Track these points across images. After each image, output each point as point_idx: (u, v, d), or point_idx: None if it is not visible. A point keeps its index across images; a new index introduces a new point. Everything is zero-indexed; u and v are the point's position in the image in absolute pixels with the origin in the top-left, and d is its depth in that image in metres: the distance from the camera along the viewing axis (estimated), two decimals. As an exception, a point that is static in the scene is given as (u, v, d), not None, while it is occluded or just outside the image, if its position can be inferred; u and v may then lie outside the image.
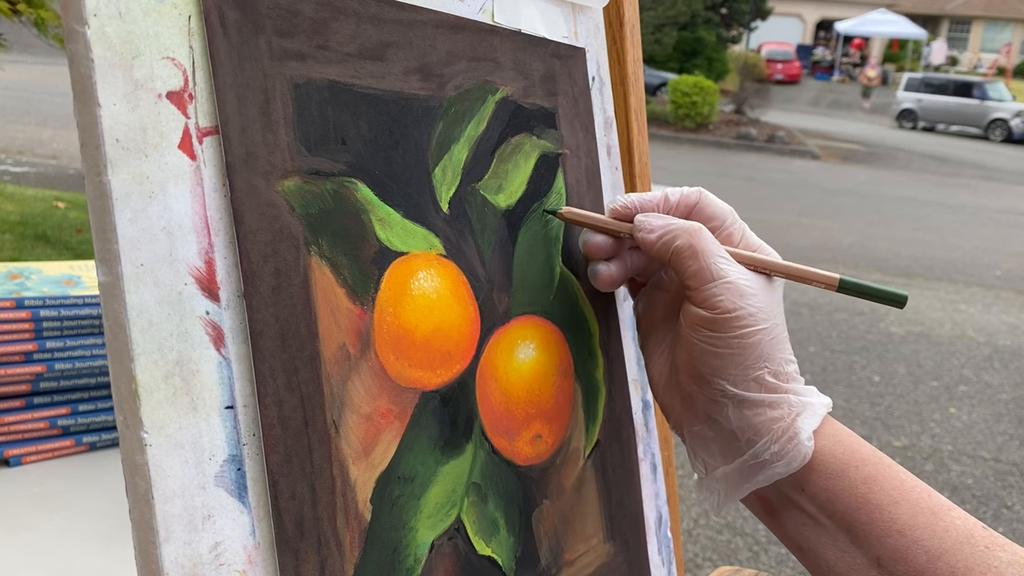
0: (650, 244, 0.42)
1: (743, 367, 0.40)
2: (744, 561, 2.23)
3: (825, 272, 0.43)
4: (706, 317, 0.40)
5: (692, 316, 0.41)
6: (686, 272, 0.41)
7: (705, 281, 0.40)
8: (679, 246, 0.41)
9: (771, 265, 0.43)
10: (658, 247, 0.42)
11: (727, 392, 0.41)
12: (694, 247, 0.41)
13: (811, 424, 0.40)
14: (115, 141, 0.28)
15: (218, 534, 0.31)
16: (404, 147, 0.38)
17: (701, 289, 0.40)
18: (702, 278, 0.40)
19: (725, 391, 0.41)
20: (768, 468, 0.40)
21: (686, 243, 0.41)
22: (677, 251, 0.41)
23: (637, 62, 0.61)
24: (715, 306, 0.40)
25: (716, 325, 0.40)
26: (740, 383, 0.41)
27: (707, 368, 0.41)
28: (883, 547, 0.38)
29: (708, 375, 0.41)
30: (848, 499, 0.39)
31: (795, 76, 24.34)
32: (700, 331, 0.41)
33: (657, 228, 0.42)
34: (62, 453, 0.81)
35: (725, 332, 0.40)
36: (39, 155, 6.20)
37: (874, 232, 7.05)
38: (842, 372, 3.71)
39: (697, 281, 0.41)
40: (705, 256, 0.41)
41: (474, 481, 0.41)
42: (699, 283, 0.41)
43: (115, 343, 0.29)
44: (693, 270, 0.41)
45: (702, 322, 0.40)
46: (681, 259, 0.41)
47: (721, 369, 0.41)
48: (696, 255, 0.41)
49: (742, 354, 0.40)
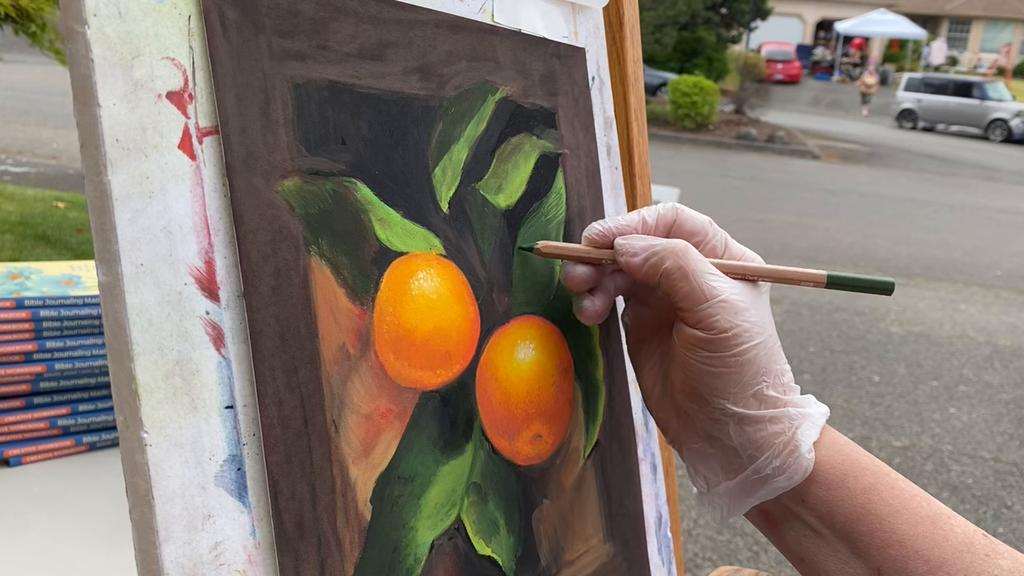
0: (636, 268, 0.41)
1: (742, 384, 0.40)
2: (744, 561, 2.23)
3: (812, 271, 0.42)
4: (702, 338, 0.39)
5: (687, 336, 0.40)
6: (677, 294, 0.40)
7: (698, 302, 0.39)
8: (667, 268, 0.40)
9: (758, 271, 0.42)
10: (645, 270, 0.41)
11: (727, 411, 0.40)
12: (683, 268, 0.40)
13: (811, 436, 0.40)
14: (115, 141, 0.28)
15: (218, 534, 0.31)
16: (404, 147, 0.38)
17: (695, 310, 0.39)
18: (694, 299, 0.39)
19: (725, 410, 0.40)
20: (770, 482, 0.40)
21: (674, 264, 0.40)
22: (666, 273, 0.40)
23: (637, 62, 0.61)
24: (711, 326, 0.39)
25: (712, 345, 0.39)
26: (740, 400, 0.40)
27: (706, 388, 0.40)
28: (883, 557, 0.38)
29: (707, 395, 0.40)
30: (848, 509, 0.39)
31: (795, 76, 24.36)
32: (696, 351, 0.40)
33: (640, 251, 0.41)
34: (62, 453, 0.81)
35: (722, 351, 0.39)
36: (39, 155, 6.20)
37: (874, 232, 7.05)
38: (842, 372, 3.71)
39: (690, 302, 0.40)
40: (695, 276, 0.39)
41: (474, 481, 0.41)
42: (692, 304, 0.39)
43: (115, 343, 0.29)
44: (684, 291, 0.40)
45: (698, 343, 0.40)
46: (671, 281, 0.40)
47: (720, 388, 0.40)
48: (686, 276, 0.40)
49: (740, 371, 0.40)
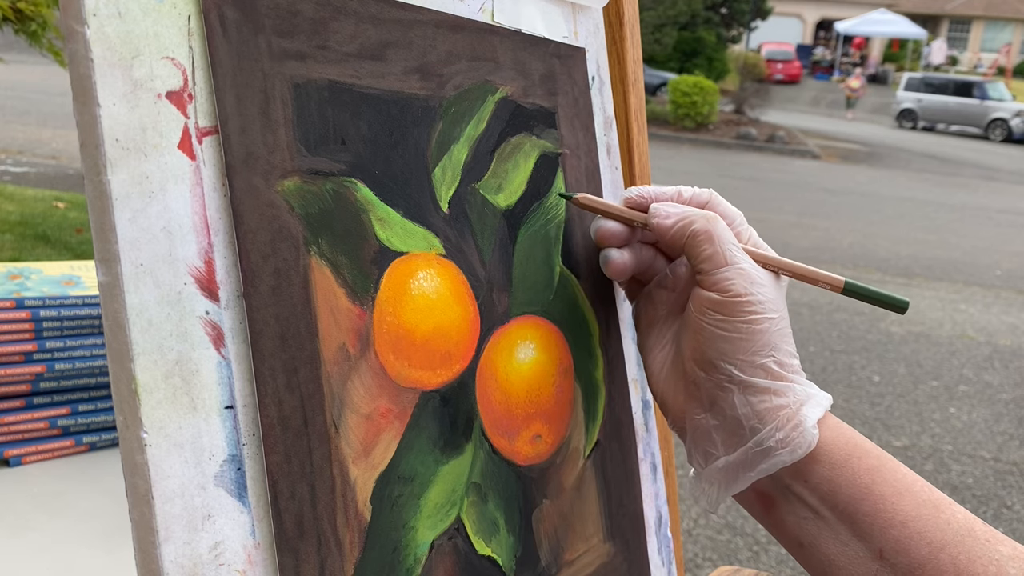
0: (666, 229, 0.43)
1: (750, 353, 0.41)
2: (744, 561, 2.23)
3: (831, 274, 0.44)
4: (717, 300, 0.41)
5: (702, 299, 0.42)
6: (700, 255, 0.42)
7: (719, 265, 0.41)
8: (696, 229, 0.42)
9: (779, 263, 0.44)
10: (674, 231, 0.43)
11: (734, 377, 0.41)
12: (710, 232, 0.42)
13: (816, 413, 0.40)
14: (115, 141, 0.28)
15: (218, 534, 0.31)
16: (404, 147, 0.38)
17: (714, 272, 0.41)
18: (716, 262, 0.41)
19: (732, 376, 0.41)
20: (772, 456, 0.40)
21: (703, 227, 0.42)
22: (694, 234, 0.42)
23: (637, 62, 0.61)
24: (727, 289, 0.41)
25: (726, 308, 0.41)
26: (747, 369, 0.41)
27: (715, 352, 0.41)
28: (885, 538, 0.38)
29: (715, 359, 0.41)
30: (851, 489, 0.39)
31: (795, 76, 24.36)
32: (710, 314, 0.41)
33: (673, 215, 0.43)
34: (62, 453, 0.81)
35: (735, 316, 0.41)
36: (39, 155, 6.20)
37: (874, 232, 7.05)
38: (842, 372, 3.71)
39: (711, 264, 0.42)
40: (720, 242, 0.42)
41: (474, 481, 0.41)
42: (712, 266, 0.41)
43: (115, 343, 0.29)
44: (708, 254, 0.42)
45: (713, 305, 0.41)
46: (697, 242, 0.42)
47: (729, 353, 0.41)
48: (712, 239, 0.42)
49: (750, 339, 0.41)
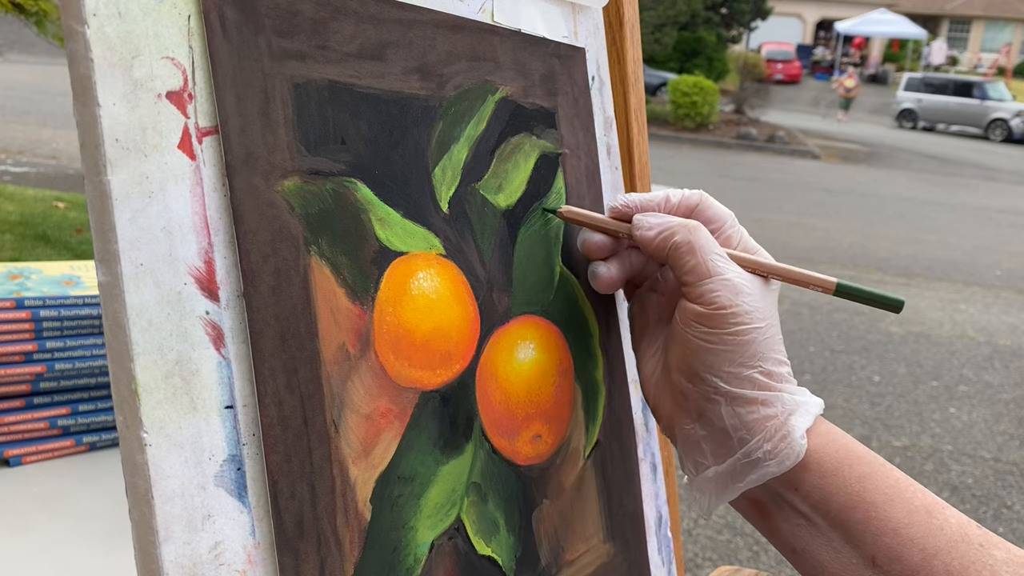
0: (648, 241, 0.43)
1: (737, 364, 0.40)
2: (744, 561, 2.23)
3: (822, 275, 0.43)
4: (701, 313, 0.41)
5: (687, 312, 0.41)
6: (683, 268, 0.41)
7: (702, 277, 0.41)
8: (677, 242, 0.42)
9: (768, 267, 0.43)
10: (656, 243, 0.42)
11: (720, 389, 0.41)
12: (692, 243, 0.41)
13: (804, 423, 0.40)
14: (115, 141, 0.28)
15: (218, 534, 0.31)
16: (404, 147, 0.38)
17: (697, 284, 0.41)
18: (699, 274, 0.41)
19: (718, 388, 0.41)
20: (760, 467, 0.40)
21: (684, 239, 0.41)
22: (675, 247, 0.42)
23: (637, 62, 0.61)
24: (711, 302, 0.40)
25: (711, 321, 0.40)
26: (733, 380, 0.41)
27: (701, 364, 0.41)
28: (878, 546, 0.38)
29: (702, 371, 0.41)
30: (843, 497, 0.39)
31: (795, 76, 24.35)
32: (695, 327, 0.41)
33: (655, 226, 0.43)
34: (62, 453, 0.81)
35: (720, 328, 0.40)
36: (39, 155, 6.20)
37: (874, 232, 7.05)
38: (842, 372, 3.71)
39: (694, 277, 0.41)
40: (702, 252, 0.41)
41: (474, 481, 0.41)
42: (696, 279, 0.41)
43: (115, 343, 0.29)
44: (690, 266, 0.41)
45: (697, 318, 0.41)
46: (679, 255, 0.41)
47: (715, 365, 0.41)
48: (694, 251, 0.41)
49: (736, 351, 0.40)
